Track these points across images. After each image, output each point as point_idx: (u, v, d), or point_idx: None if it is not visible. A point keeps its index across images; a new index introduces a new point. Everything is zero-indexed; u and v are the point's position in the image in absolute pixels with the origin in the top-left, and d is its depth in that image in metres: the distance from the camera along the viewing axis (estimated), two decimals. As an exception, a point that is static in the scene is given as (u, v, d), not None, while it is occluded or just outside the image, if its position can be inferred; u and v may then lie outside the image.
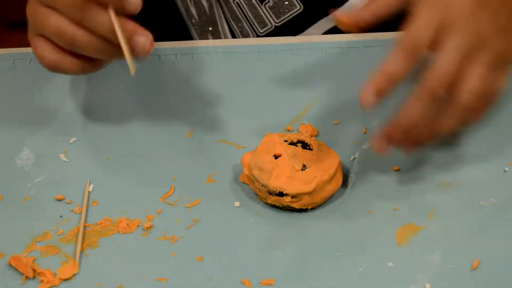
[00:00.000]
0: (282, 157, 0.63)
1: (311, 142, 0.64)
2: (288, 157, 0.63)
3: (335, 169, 0.62)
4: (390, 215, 0.61)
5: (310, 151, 0.64)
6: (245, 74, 0.73)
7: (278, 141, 0.64)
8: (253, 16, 0.82)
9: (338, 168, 0.63)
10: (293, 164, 0.62)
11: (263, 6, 0.81)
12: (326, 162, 0.63)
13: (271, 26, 0.82)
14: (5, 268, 0.59)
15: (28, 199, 0.64)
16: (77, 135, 0.69)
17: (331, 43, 0.76)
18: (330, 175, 0.62)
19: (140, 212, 0.63)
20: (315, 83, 0.72)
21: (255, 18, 0.82)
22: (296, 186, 0.61)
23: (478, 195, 0.62)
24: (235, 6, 0.82)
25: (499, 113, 0.69)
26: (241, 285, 0.58)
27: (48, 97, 0.72)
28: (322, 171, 0.62)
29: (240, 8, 0.82)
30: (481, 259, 0.58)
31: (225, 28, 0.84)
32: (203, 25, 0.85)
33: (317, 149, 0.64)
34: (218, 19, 0.84)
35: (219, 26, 0.85)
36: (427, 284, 0.57)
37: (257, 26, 0.83)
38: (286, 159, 0.63)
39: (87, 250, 0.60)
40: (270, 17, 0.82)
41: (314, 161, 0.63)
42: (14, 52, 0.77)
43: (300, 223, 0.61)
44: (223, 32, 0.85)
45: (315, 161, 0.63)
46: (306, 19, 0.82)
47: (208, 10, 0.84)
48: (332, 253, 0.59)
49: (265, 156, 0.63)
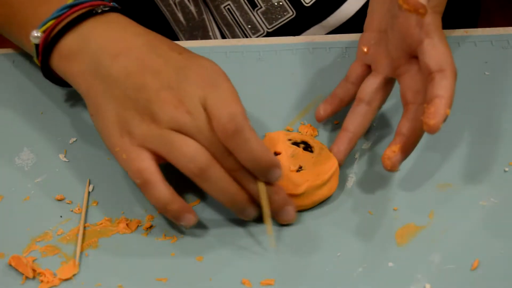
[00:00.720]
0: (281, 155, 0.63)
1: (314, 144, 0.64)
2: (286, 156, 0.63)
3: (330, 175, 0.62)
4: (390, 215, 0.61)
5: (310, 154, 0.64)
6: (245, 74, 0.73)
7: (282, 139, 0.64)
8: (245, 21, 0.81)
9: (333, 174, 0.62)
10: (290, 164, 0.62)
11: (255, 11, 0.80)
12: (323, 166, 0.62)
13: (263, 32, 0.82)
14: (5, 268, 0.59)
15: (28, 199, 0.64)
16: (77, 135, 0.69)
17: (331, 43, 0.76)
18: (323, 180, 0.61)
19: (140, 212, 0.63)
20: (315, 83, 0.72)
21: (247, 23, 0.81)
22: (285, 186, 0.60)
23: (478, 195, 0.62)
24: (226, 11, 0.81)
25: (499, 113, 0.69)
26: (241, 285, 0.58)
27: (48, 97, 0.72)
28: (316, 175, 0.62)
29: (231, 13, 0.81)
30: (481, 259, 0.58)
31: (216, 33, 0.84)
32: (192, 30, 0.85)
33: (318, 152, 0.64)
34: (208, 24, 0.83)
35: (210, 31, 0.84)
36: (427, 284, 0.57)
37: (249, 31, 0.82)
38: (284, 158, 0.63)
39: (87, 250, 0.60)
40: (262, 23, 0.81)
41: (311, 164, 0.63)
42: (14, 52, 0.77)
43: (300, 223, 0.61)
44: (214, 37, 0.84)
45: (312, 164, 0.63)
46: (299, 25, 0.82)
47: (197, 16, 0.83)
48: (332, 253, 0.59)
49: None
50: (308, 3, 0.80)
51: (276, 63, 0.75)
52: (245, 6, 0.80)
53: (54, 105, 0.72)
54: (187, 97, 0.58)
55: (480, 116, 0.69)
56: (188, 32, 0.85)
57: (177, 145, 0.57)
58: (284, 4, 0.80)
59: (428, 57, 0.59)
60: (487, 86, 0.71)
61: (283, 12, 0.80)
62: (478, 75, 0.72)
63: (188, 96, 0.58)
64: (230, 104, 0.57)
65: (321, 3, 0.80)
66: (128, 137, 0.58)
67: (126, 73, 0.59)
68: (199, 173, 0.57)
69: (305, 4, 0.80)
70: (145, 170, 0.58)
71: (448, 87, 0.58)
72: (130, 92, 0.59)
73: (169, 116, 0.57)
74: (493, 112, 0.69)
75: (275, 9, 0.80)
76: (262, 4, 0.80)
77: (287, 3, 0.80)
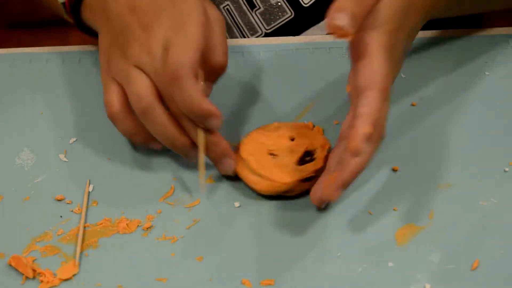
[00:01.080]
0: (279, 155, 0.64)
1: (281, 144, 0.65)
2: (283, 152, 0.64)
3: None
4: (390, 215, 0.61)
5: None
6: (245, 74, 0.73)
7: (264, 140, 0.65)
8: (243, 22, 0.81)
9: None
10: (290, 156, 0.64)
11: (253, 12, 0.80)
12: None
13: (261, 33, 0.82)
14: (5, 268, 0.59)
15: (28, 199, 0.64)
16: (77, 135, 0.69)
17: (331, 43, 0.76)
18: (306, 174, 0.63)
19: (140, 212, 0.63)
20: (315, 83, 0.72)
21: (245, 24, 0.81)
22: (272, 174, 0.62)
23: (478, 195, 0.62)
24: (225, 12, 0.81)
25: (499, 113, 0.69)
26: (241, 285, 0.58)
27: (48, 97, 0.72)
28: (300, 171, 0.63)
29: (230, 14, 0.81)
30: (481, 259, 0.58)
31: None
32: None
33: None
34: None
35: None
36: (427, 284, 0.57)
37: (247, 32, 0.82)
38: (283, 154, 0.64)
39: (87, 250, 0.60)
40: (260, 24, 0.81)
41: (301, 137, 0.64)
42: (14, 52, 0.77)
43: (300, 223, 0.61)
44: None
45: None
46: (297, 26, 0.82)
47: None
48: (332, 253, 0.59)
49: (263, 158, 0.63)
50: (306, 3, 0.80)
51: (276, 63, 0.75)
52: (244, 6, 0.80)
53: (54, 105, 0.72)
54: (153, 38, 0.61)
55: (480, 116, 0.69)
56: None
57: (132, 81, 0.61)
58: (282, 4, 0.80)
59: (358, 78, 0.57)
60: (487, 86, 0.71)
61: (282, 12, 0.80)
62: (478, 75, 0.72)
63: (154, 37, 0.61)
64: (184, 51, 0.59)
65: (320, 3, 0.80)
66: (107, 70, 0.64)
67: (119, 13, 0.64)
68: (142, 112, 0.61)
69: (303, 5, 0.80)
70: (111, 103, 0.63)
71: (370, 105, 0.56)
72: (118, 30, 0.64)
73: (134, 54, 0.62)
74: (493, 112, 0.69)
75: (274, 9, 0.81)
76: (261, 5, 0.80)
77: (285, 4, 0.80)
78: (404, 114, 0.69)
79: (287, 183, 0.62)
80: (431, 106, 0.70)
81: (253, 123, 0.69)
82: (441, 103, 0.70)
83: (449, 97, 0.70)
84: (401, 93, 0.70)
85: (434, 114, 0.69)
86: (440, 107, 0.69)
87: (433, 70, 0.73)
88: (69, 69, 0.75)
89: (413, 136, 0.67)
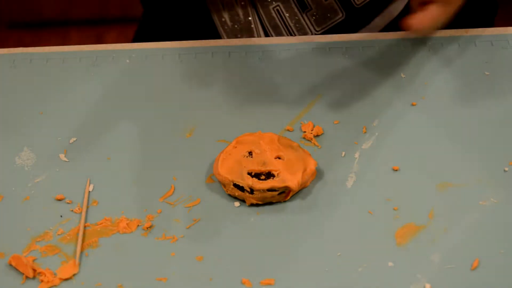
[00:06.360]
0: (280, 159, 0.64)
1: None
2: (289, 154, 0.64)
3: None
4: (390, 215, 0.61)
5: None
6: (246, 74, 0.73)
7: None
8: (293, 23, 0.81)
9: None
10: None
11: (304, 14, 0.80)
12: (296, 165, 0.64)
13: (311, 34, 0.81)
14: (5, 268, 0.59)
15: (28, 199, 0.64)
16: (77, 135, 0.69)
17: (331, 43, 0.76)
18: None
19: (140, 212, 0.63)
20: (315, 83, 0.72)
21: (295, 25, 0.81)
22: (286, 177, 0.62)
23: (478, 195, 0.62)
24: (275, 12, 0.81)
25: (499, 113, 0.69)
26: (241, 285, 0.58)
27: (48, 97, 0.72)
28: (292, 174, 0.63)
29: (280, 14, 0.81)
30: (481, 259, 0.58)
31: (261, 35, 0.83)
32: (236, 32, 0.84)
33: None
34: (254, 26, 0.83)
35: (255, 34, 0.83)
36: (427, 284, 0.57)
37: (296, 33, 0.81)
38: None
39: (87, 250, 0.60)
40: (310, 25, 0.80)
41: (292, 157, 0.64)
42: (14, 52, 0.77)
43: (300, 223, 0.61)
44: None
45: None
46: (347, 27, 0.81)
47: (243, 17, 0.83)
48: (332, 253, 0.59)
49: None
50: (359, 4, 0.79)
51: (277, 63, 0.75)
52: (295, 7, 0.80)
53: (54, 105, 0.72)
54: None
55: (480, 116, 0.69)
56: (232, 34, 0.84)
57: None
58: (334, 5, 0.79)
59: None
60: (487, 86, 0.71)
61: (334, 14, 0.80)
62: (478, 75, 0.72)
63: None
64: None
65: (371, 3, 0.80)
66: None
67: None
68: None
69: (355, 5, 0.80)
70: None
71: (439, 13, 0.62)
72: None
73: None
74: (493, 112, 0.69)
75: (325, 10, 0.80)
76: (312, 6, 0.79)
77: (337, 4, 0.79)
78: (404, 114, 0.69)
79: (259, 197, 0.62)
80: (431, 106, 0.70)
81: (253, 122, 0.69)
82: (441, 103, 0.70)
83: (449, 97, 0.70)
84: (401, 93, 0.70)
85: (434, 114, 0.69)
86: (440, 107, 0.69)
87: (433, 70, 0.73)
88: (69, 69, 0.75)
89: (413, 136, 0.67)
